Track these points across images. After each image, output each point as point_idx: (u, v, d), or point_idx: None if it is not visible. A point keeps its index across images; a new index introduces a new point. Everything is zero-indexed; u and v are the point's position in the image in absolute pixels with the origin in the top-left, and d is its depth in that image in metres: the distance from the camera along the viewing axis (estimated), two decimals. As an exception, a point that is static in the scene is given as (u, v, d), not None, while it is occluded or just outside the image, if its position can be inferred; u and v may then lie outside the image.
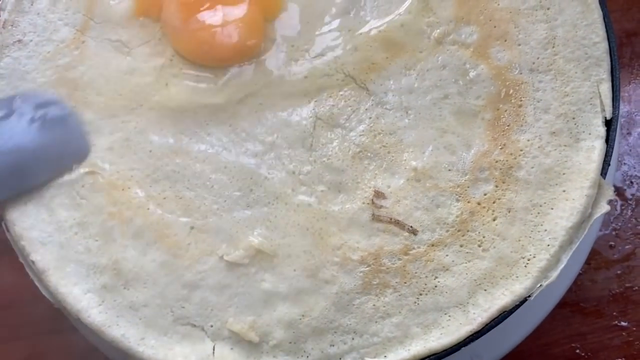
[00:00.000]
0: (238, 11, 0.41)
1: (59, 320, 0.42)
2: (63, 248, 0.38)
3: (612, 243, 0.48)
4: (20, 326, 0.51)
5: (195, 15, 0.40)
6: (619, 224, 0.49)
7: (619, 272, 0.47)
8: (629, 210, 0.49)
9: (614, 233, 0.48)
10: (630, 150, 0.50)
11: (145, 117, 0.40)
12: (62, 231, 0.38)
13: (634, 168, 0.50)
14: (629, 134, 0.50)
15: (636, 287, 0.47)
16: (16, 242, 0.38)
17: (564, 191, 0.38)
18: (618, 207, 0.49)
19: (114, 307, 0.37)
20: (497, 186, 0.38)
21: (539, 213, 0.38)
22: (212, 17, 0.40)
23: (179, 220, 0.38)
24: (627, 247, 0.48)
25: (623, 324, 0.47)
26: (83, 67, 0.41)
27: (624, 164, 0.50)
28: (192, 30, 0.40)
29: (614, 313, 0.47)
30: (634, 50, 0.53)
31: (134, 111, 0.40)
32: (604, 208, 0.37)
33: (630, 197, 0.49)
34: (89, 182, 0.39)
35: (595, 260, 0.47)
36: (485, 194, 0.38)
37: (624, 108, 0.51)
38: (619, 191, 0.49)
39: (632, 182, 0.49)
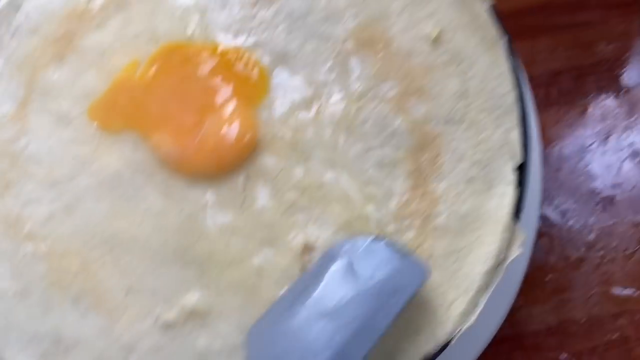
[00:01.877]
0: (230, 109, 0.42)
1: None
2: (5, 317, 0.39)
3: (547, 278, 0.50)
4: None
5: (194, 134, 0.41)
6: (553, 258, 0.50)
7: (554, 305, 0.49)
8: (562, 244, 0.51)
9: (548, 266, 0.50)
10: (561, 186, 0.52)
11: (84, 185, 0.42)
12: (4, 300, 0.40)
13: (565, 202, 0.52)
14: (559, 169, 0.53)
15: (572, 320, 0.48)
16: (-40, 314, 0.40)
17: (479, 237, 0.39)
18: (551, 241, 0.51)
19: (54, 373, 0.39)
20: (417, 235, 0.40)
21: (457, 259, 0.39)
22: (210, 127, 0.41)
23: (117, 284, 0.40)
24: (561, 279, 0.49)
25: (562, 356, 0.48)
26: (25, 139, 0.43)
27: (555, 198, 0.52)
28: (197, 150, 0.41)
29: (552, 346, 0.48)
30: (560, 89, 0.55)
31: (73, 180, 0.42)
32: (516, 252, 0.38)
33: (562, 231, 0.51)
34: (30, 251, 0.41)
35: (531, 294, 0.49)
36: (406, 243, 0.40)
37: (554, 144, 0.53)
38: (552, 226, 0.51)
39: (563, 217, 0.51)
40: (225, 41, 0.45)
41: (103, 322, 0.39)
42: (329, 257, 0.37)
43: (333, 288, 0.35)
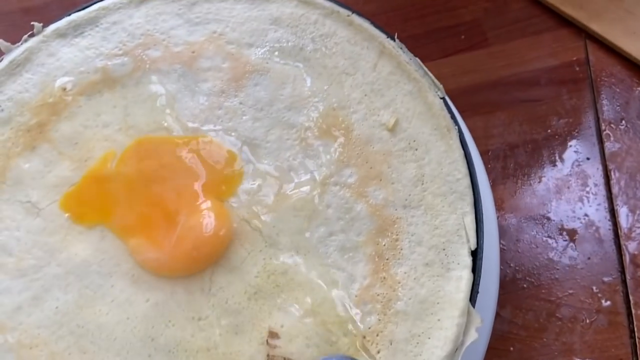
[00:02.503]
0: (204, 205, 0.43)
1: None
2: (-30, 414, 0.40)
3: (511, 348, 0.51)
4: None
5: (170, 237, 0.42)
6: (515, 328, 0.52)
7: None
8: (523, 315, 0.52)
9: (511, 336, 0.51)
10: (521, 257, 0.54)
11: (52, 275, 0.43)
12: (-31, 397, 0.40)
13: (525, 273, 0.54)
14: (518, 240, 0.55)
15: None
16: None
17: (438, 320, 0.41)
18: (512, 312, 0.53)
19: None
20: (379, 319, 0.41)
21: (417, 343, 0.41)
22: (185, 226, 0.42)
23: (82, 377, 0.40)
24: (523, 349, 0.51)
25: None
26: (-5, 230, 0.44)
27: (516, 270, 0.54)
28: (174, 254, 0.42)
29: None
30: (517, 161, 0.58)
31: (41, 269, 0.43)
32: (473, 336, 0.40)
33: (524, 300, 0.53)
34: (0, 343, 0.41)
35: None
36: (369, 327, 0.41)
37: (512, 217, 0.56)
38: (513, 295, 0.53)
39: (524, 286, 0.53)
40: (194, 129, 0.47)
41: (68, 417, 0.39)
42: None
43: None
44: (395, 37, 0.49)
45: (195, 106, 0.48)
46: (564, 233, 0.55)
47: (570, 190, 0.56)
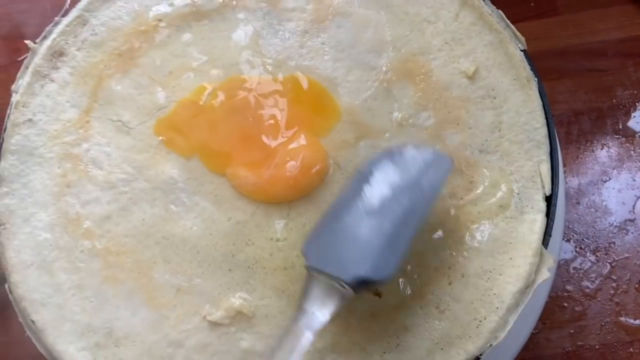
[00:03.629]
0: (299, 143, 0.44)
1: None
2: (61, 309, 0.42)
3: (565, 304, 0.52)
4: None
5: (268, 166, 0.44)
6: (571, 287, 0.53)
7: (571, 331, 0.51)
8: (580, 274, 0.53)
9: (566, 294, 0.53)
10: (580, 219, 0.55)
11: (140, 189, 0.45)
12: (61, 293, 0.42)
13: (583, 235, 0.55)
14: (578, 203, 0.56)
15: (587, 346, 0.51)
16: (18, 303, 0.42)
17: (510, 259, 0.42)
18: (570, 270, 0.54)
19: (105, 364, 0.41)
20: (452, 253, 0.43)
21: (489, 278, 0.42)
22: (282, 157, 0.44)
23: (167, 283, 0.42)
24: (578, 308, 0.52)
25: (577, 380, 0.50)
26: (87, 144, 0.46)
27: (574, 231, 0.55)
28: (272, 181, 0.44)
29: (568, 370, 0.50)
30: (580, 128, 0.59)
31: (130, 184, 0.45)
32: (545, 275, 0.41)
33: (580, 262, 0.54)
34: (87, 248, 0.43)
35: (550, 320, 0.52)
36: (441, 261, 0.43)
37: (573, 180, 0.57)
38: (570, 256, 0.54)
39: (582, 248, 0.54)
40: (277, 64, 0.49)
41: (153, 318, 0.41)
42: (362, 171, 0.40)
43: (374, 191, 0.38)
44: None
45: (278, 43, 0.50)
46: (624, 200, 0.56)
47: (631, 159, 0.57)
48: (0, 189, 0.44)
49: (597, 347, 0.51)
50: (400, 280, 0.42)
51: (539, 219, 0.43)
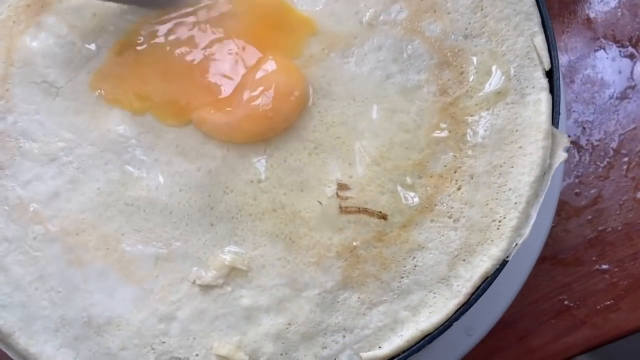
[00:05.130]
0: (269, 69, 0.38)
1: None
2: (26, 307, 0.36)
3: (578, 190, 0.49)
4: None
5: (239, 101, 0.38)
6: (580, 170, 0.49)
7: (589, 217, 0.48)
8: (587, 155, 0.50)
9: (577, 180, 0.49)
10: (577, 97, 0.51)
11: (86, 155, 0.38)
12: (22, 289, 0.36)
13: (583, 114, 0.51)
14: (572, 81, 0.51)
15: (609, 229, 0.48)
16: (-27, 312, 0.36)
17: (520, 147, 0.38)
18: (576, 155, 0.50)
19: (91, 357, 0.35)
20: (455, 155, 0.38)
21: (500, 174, 0.38)
22: (254, 88, 0.38)
23: (142, 254, 0.37)
24: (592, 191, 0.49)
25: (604, 267, 0.47)
26: (12, 117, 0.39)
27: (573, 111, 0.51)
28: (247, 117, 0.37)
29: (593, 258, 0.47)
30: (562, 0, 0.54)
31: (73, 151, 0.39)
32: (561, 156, 0.37)
33: (585, 142, 0.50)
34: (40, 233, 0.37)
35: (564, 210, 0.48)
36: (445, 165, 0.38)
37: (562, 57, 0.52)
38: (573, 139, 0.50)
39: (584, 128, 0.50)
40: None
41: (135, 295, 0.36)
42: None
43: None
44: None
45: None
46: (620, 67, 0.51)
47: (620, 23, 0.52)
48: None
49: (619, 228, 0.47)
50: (403, 195, 0.38)
51: (544, 98, 0.38)
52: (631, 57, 0.52)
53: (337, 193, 0.38)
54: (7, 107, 0.39)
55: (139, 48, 0.40)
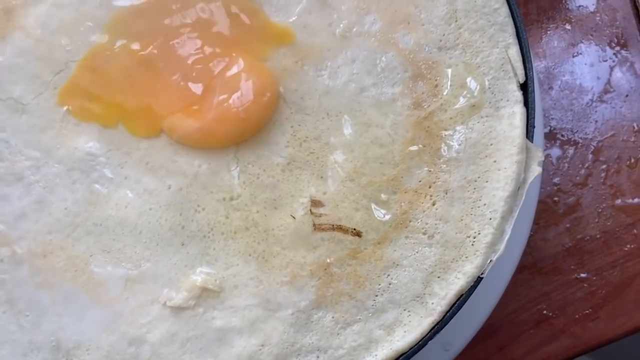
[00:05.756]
0: (239, 71, 0.37)
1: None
2: (-8, 332, 0.35)
3: (556, 198, 0.49)
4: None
5: (210, 105, 0.37)
6: (558, 178, 0.49)
7: (568, 225, 0.48)
8: (565, 163, 0.49)
9: (555, 188, 0.49)
10: (555, 104, 0.51)
11: (53, 174, 0.38)
12: (-12, 314, 0.35)
13: (562, 121, 0.50)
14: (551, 88, 0.51)
15: (588, 237, 0.47)
16: (-62, 338, 0.35)
17: (494, 162, 0.37)
18: (555, 161, 0.50)
19: (60, 383, 0.35)
20: (430, 170, 0.38)
21: (475, 189, 0.37)
22: (223, 92, 0.37)
23: (111, 276, 0.36)
24: (570, 199, 0.48)
25: (582, 275, 0.47)
26: (-24, 135, 0.38)
27: (552, 118, 0.50)
28: (218, 121, 0.37)
29: (572, 267, 0.47)
30: (539, 5, 0.53)
31: (39, 170, 0.38)
32: (536, 171, 0.36)
33: (563, 149, 0.50)
34: (7, 255, 0.36)
35: (543, 218, 0.48)
36: (419, 181, 0.38)
37: (540, 63, 0.52)
38: (551, 146, 0.50)
39: (562, 135, 0.50)
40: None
41: (104, 317, 0.35)
42: None
43: None
44: None
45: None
46: (598, 73, 0.51)
47: (598, 29, 0.52)
48: None
49: (598, 236, 0.47)
50: (377, 212, 0.37)
51: (518, 111, 0.37)
52: (609, 62, 0.51)
53: (310, 210, 0.37)
54: (-29, 125, 0.38)
55: (107, 59, 0.39)
